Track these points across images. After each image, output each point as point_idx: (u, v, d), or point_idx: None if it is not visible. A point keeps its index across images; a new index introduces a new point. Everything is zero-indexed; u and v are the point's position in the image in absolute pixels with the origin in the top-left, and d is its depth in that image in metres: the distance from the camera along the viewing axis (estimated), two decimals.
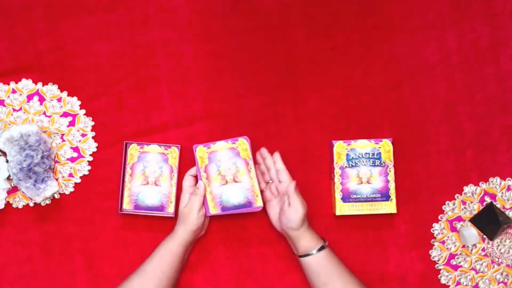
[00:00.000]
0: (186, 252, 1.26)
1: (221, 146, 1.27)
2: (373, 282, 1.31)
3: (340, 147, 1.29)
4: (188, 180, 1.26)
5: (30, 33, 1.33)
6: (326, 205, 1.32)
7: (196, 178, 1.27)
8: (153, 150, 1.30)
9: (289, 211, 1.22)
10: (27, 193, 1.26)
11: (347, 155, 1.29)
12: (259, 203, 1.26)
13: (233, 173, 1.27)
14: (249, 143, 1.27)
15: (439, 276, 1.31)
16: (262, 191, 1.27)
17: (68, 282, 1.30)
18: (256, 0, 1.34)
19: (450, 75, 1.34)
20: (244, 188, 1.26)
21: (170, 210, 1.29)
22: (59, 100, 1.32)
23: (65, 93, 1.32)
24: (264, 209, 1.27)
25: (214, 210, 1.26)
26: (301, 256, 1.23)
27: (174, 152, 1.30)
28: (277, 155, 1.26)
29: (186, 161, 1.31)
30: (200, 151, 1.27)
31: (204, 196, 1.25)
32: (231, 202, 1.26)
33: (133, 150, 1.29)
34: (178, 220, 1.25)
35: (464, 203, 1.32)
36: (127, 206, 1.29)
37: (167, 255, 1.23)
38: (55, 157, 1.30)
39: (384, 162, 1.29)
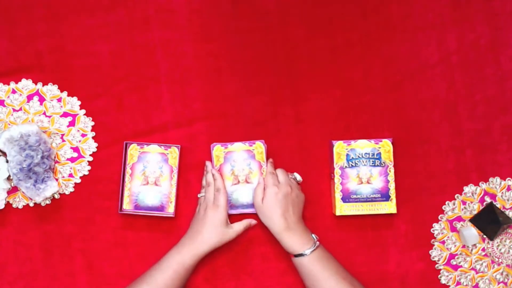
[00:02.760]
0: None
1: (238, 147, 1.29)
2: (373, 282, 1.31)
3: (340, 147, 1.29)
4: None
5: (30, 33, 1.33)
6: (326, 205, 1.32)
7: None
8: (153, 150, 1.30)
9: None
10: (27, 193, 1.26)
11: (347, 155, 1.29)
12: None
13: (246, 174, 1.29)
14: (265, 147, 1.29)
15: (439, 276, 1.31)
16: None
17: (68, 282, 1.30)
18: (256, 0, 1.34)
19: (450, 75, 1.34)
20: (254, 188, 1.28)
21: (170, 210, 1.29)
22: (59, 100, 1.32)
23: (65, 93, 1.32)
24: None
25: None
26: (296, 256, 1.22)
27: (174, 152, 1.30)
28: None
29: (186, 161, 1.31)
30: (217, 150, 1.28)
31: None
32: (239, 201, 1.29)
33: (133, 150, 1.30)
34: (212, 232, 1.24)
35: (464, 203, 1.32)
36: (127, 206, 1.29)
37: (181, 269, 1.21)
38: (55, 157, 1.30)
39: (384, 162, 1.29)
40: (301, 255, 1.21)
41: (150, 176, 1.30)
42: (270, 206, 1.23)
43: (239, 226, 1.26)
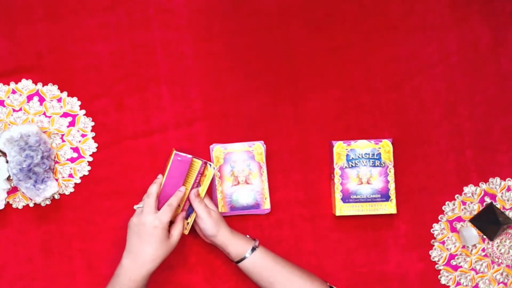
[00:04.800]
0: None
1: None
2: (373, 282, 1.31)
3: (340, 148, 1.29)
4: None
5: (30, 33, 1.33)
6: (326, 205, 1.32)
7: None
8: (238, 149, 1.30)
9: (199, 221, 1.21)
10: (27, 193, 1.26)
11: (347, 155, 1.29)
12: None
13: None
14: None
15: (439, 276, 1.31)
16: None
17: (68, 282, 1.30)
18: (256, 0, 1.34)
19: (450, 75, 1.34)
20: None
21: (266, 206, 1.30)
22: (59, 100, 1.32)
23: (65, 94, 1.32)
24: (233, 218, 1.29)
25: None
26: (237, 262, 1.21)
27: (259, 148, 1.30)
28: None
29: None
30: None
31: (213, 195, 1.26)
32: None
33: (218, 152, 1.30)
34: (157, 251, 1.16)
35: (464, 203, 1.32)
36: (222, 208, 1.30)
37: None
38: (55, 157, 1.30)
39: (384, 163, 1.29)
40: (246, 257, 1.20)
41: (239, 176, 1.30)
42: (219, 214, 1.22)
43: (176, 231, 1.19)
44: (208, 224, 1.20)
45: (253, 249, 1.20)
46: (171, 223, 1.21)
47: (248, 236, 1.24)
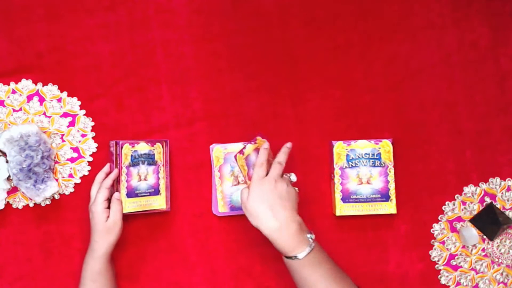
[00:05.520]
0: (111, 259, 1.25)
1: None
2: (373, 282, 1.31)
3: (340, 148, 1.29)
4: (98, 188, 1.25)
5: (30, 33, 1.33)
6: (326, 205, 1.32)
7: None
8: (237, 149, 1.28)
9: None
10: (27, 193, 1.26)
11: (347, 155, 1.29)
12: None
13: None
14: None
15: (439, 276, 1.31)
16: None
17: (68, 282, 1.30)
18: (256, 0, 1.34)
19: (450, 75, 1.34)
20: None
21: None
22: (59, 100, 1.32)
23: (65, 94, 1.32)
24: None
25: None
26: (287, 257, 1.15)
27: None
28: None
29: (186, 161, 1.31)
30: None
31: (213, 195, 1.26)
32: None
33: (218, 152, 1.29)
34: (96, 234, 1.21)
35: (464, 203, 1.32)
36: (222, 208, 1.30)
37: (97, 276, 1.21)
38: (55, 157, 1.30)
39: (384, 163, 1.29)
40: (293, 257, 1.13)
41: (239, 176, 1.30)
42: (255, 203, 1.13)
43: (111, 212, 1.22)
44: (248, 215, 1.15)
45: (308, 251, 1.13)
46: None
47: (309, 236, 1.16)
